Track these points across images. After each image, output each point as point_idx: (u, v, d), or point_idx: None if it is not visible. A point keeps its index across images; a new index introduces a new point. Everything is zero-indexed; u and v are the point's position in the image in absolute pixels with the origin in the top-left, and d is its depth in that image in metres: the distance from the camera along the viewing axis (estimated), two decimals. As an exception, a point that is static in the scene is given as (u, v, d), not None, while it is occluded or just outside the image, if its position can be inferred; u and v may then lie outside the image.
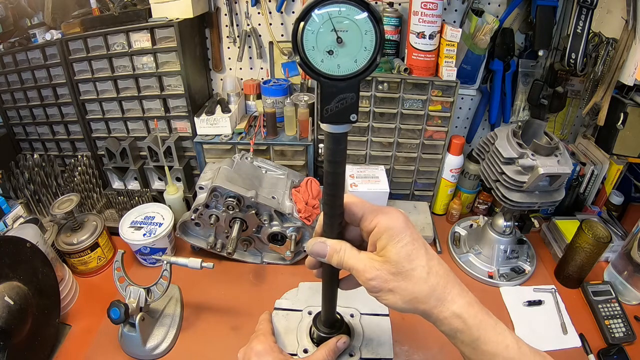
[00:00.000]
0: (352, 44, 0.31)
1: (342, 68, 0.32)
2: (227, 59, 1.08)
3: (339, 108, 0.33)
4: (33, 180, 0.98)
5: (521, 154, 0.80)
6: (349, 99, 0.33)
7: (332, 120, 0.34)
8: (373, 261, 0.38)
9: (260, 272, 0.93)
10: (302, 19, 0.31)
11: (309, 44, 0.31)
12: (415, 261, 0.37)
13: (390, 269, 0.37)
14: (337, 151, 0.36)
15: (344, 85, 0.32)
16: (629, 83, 0.84)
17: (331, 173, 0.38)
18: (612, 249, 0.93)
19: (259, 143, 0.98)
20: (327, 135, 0.36)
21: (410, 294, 0.37)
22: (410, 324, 0.80)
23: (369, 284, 0.38)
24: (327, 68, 0.32)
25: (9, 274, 0.67)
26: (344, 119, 0.34)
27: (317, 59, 0.32)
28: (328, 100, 0.33)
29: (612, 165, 0.99)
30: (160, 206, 0.97)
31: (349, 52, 0.32)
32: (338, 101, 0.33)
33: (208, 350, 0.76)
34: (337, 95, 0.33)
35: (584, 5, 0.83)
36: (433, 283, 0.38)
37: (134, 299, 0.72)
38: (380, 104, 0.95)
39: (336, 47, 0.31)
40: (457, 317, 0.38)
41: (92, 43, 0.92)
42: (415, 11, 0.85)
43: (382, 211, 0.39)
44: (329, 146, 0.36)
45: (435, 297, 0.38)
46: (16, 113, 1.06)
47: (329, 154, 0.37)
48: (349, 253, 0.40)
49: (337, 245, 0.41)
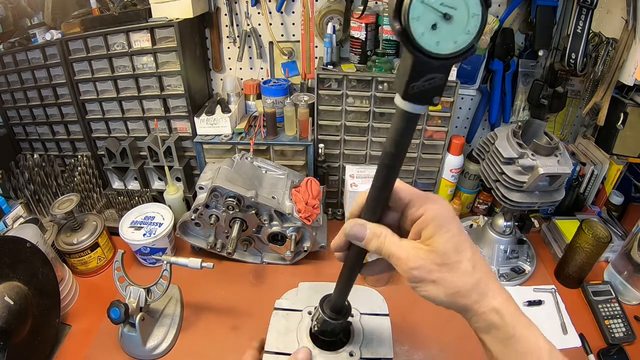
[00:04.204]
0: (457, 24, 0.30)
1: (440, 46, 0.30)
2: (227, 59, 1.08)
3: (425, 87, 0.31)
4: (33, 180, 0.98)
5: (521, 154, 0.80)
6: (438, 79, 0.31)
7: (415, 99, 0.32)
8: (418, 250, 0.37)
9: (260, 272, 0.93)
10: None
11: (415, 12, 0.29)
12: (462, 253, 0.36)
13: (436, 259, 0.36)
14: (407, 132, 0.34)
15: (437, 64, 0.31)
16: (629, 83, 0.84)
17: (393, 154, 0.35)
18: (612, 249, 0.93)
19: (259, 143, 0.98)
20: (402, 114, 0.33)
21: (453, 287, 0.36)
22: (410, 324, 0.80)
23: (410, 274, 0.36)
24: (425, 43, 0.30)
25: (9, 274, 0.67)
26: (427, 99, 0.32)
27: (419, 31, 0.29)
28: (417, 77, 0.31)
29: (612, 165, 0.99)
30: (160, 206, 0.97)
31: (452, 31, 0.30)
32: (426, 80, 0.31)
33: (208, 350, 0.76)
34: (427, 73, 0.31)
35: (584, 5, 0.83)
36: (477, 277, 0.36)
37: (134, 299, 0.72)
38: (380, 104, 0.95)
39: (441, 23, 0.30)
40: (495, 312, 0.36)
41: (92, 43, 0.92)
42: (416, 11, 0.85)
43: (430, 199, 0.38)
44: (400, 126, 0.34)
45: (478, 292, 0.36)
46: (16, 113, 1.06)
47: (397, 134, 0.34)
48: (391, 239, 0.38)
49: (378, 230, 0.38)
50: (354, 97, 0.95)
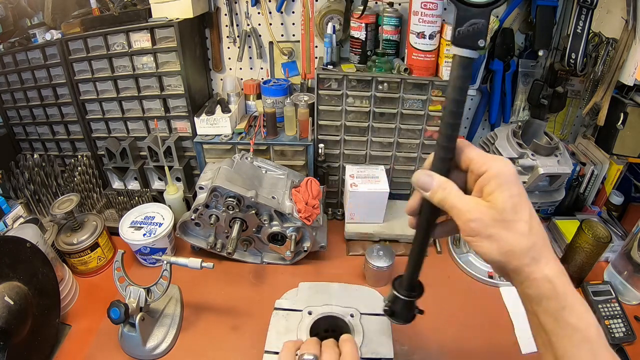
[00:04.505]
0: None
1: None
2: (227, 59, 1.08)
3: (469, 31, 0.37)
4: (33, 180, 0.98)
5: (521, 154, 0.80)
6: (480, 24, 0.37)
7: (462, 43, 0.37)
8: (478, 204, 0.38)
9: (260, 272, 0.93)
10: None
11: None
12: (519, 213, 0.37)
13: (495, 215, 0.36)
14: (463, 77, 0.38)
15: (477, 11, 0.36)
16: (629, 83, 0.84)
17: (455, 100, 0.39)
18: (612, 249, 0.93)
19: (259, 143, 0.98)
20: (456, 60, 0.38)
21: (508, 245, 0.36)
22: (410, 324, 0.80)
23: (468, 225, 0.37)
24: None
25: (9, 274, 0.67)
26: (472, 43, 0.37)
27: None
28: (461, 23, 0.37)
29: (612, 165, 0.99)
30: (160, 206, 0.97)
31: None
32: (469, 25, 0.37)
33: (208, 350, 0.76)
34: (469, 19, 0.37)
35: (584, 5, 0.83)
36: (533, 240, 0.36)
37: (134, 299, 0.72)
38: (380, 104, 0.95)
39: None
40: (548, 281, 0.36)
41: (92, 43, 0.92)
42: (415, 11, 0.85)
43: (495, 158, 0.39)
44: (456, 72, 0.38)
45: (531, 256, 0.36)
46: (16, 113, 1.06)
47: (455, 79, 0.39)
48: (454, 192, 0.39)
49: (444, 183, 0.39)
50: (354, 97, 0.95)
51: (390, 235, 1.00)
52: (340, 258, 0.97)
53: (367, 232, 1.00)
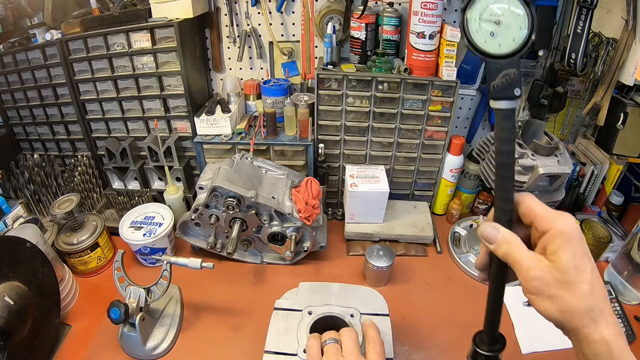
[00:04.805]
0: (509, 25, 0.36)
1: (502, 47, 0.37)
2: (227, 59, 1.08)
3: (503, 83, 0.37)
4: (33, 180, 0.98)
5: (521, 154, 0.80)
6: (512, 74, 0.37)
7: (499, 96, 0.38)
8: (541, 262, 0.38)
9: (260, 272, 0.93)
10: (466, 7, 0.37)
11: (472, 27, 0.37)
12: (582, 274, 0.37)
13: (557, 275, 0.37)
14: (508, 128, 0.39)
15: (506, 62, 0.37)
16: (629, 83, 0.84)
17: (504, 152, 0.39)
18: (612, 249, 0.93)
19: (259, 143, 0.98)
20: (497, 113, 0.39)
21: (568, 306, 0.37)
22: (410, 324, 0.80)
23: (530, 283, 0.38)
24: (490, 48, 0.37)
25: (9, 274, 0.67)
26: (509, 93, 0.37)
27: (481, 40, 0.37)
28: (493, 76, 0.37)
29: (612, 165, 0.99)
30: (160, 206, 0.97)
31: (507, 32, 0.36)
32: (502, 77, 0.37)
33: (208, 350, 0.76)
34: (500, 71, 0.37)
35: (584, 5, 0.82)
36: (593, 302, 0.37)
37: (134, 299, 0.72)
38: (380, 104, 0.95)
39: (496, 29, 0.37)
40: (605, 343, 0.36)
41: (92, 43, 0.92)
42: (415, 11, 0.85)
43: (561, 215, 0.39)
44: (500, 125, 0.39)
45: (591, 317, 0.36)
46: (16, 113, 1.06)
47: (500, 132, 0.39)
48: (518, 246, 0.39)
49: (509, 236, 0.40)
50: (354, 97, 0.95)
51: (390, 235, 1.00)
52: (340, 258, 0.97)
53: (367, 232, 1.00)
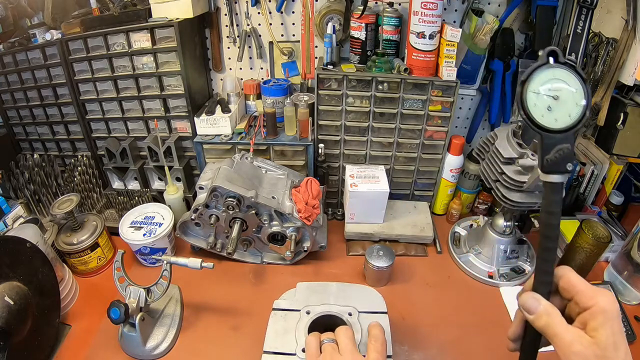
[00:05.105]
0: (566, 101, 0.37)
1: (559, 122, 0.37)
2: (227, 59, 1.08)
3: (557, 158, 0.38)
4: (33, 180, 0.98)
5: (521, 154, 0.80)
6: (566, 149, 0.37)
7: (552, 170, 0.38)
8: (582, 337, 0.39)
9: (260, 272, 0.93)
10: (525, 81, 0.38)
11: (531, 102, 0.38)
12: (619, 351, 0.38)
13: (597, 351, 0.38)
14: (556, 201, 0.39)
15: (561, 137, 0.37)
16: (629, 83, 0.84)
17: (549, 225, 0.40)
18: (612, 249, 0.93)
19: (259, 143, 0.98)
20: (547, 186, 0.39)
21: None
22: (410, 324, 0.80)
23: (569, 358, 0.39)
24: (547, 122, 0.37)
25: (9, 274, 0.67)
26: (562, 168, 0.38)
27: (538, 114, 0.37)
28: (548, 150, 0.38)
29: (612, 165, 0.99)
30: (160, 206, 0.97)
31: (564, 107, 0.37)
32: (556, 151, 0.38)
33: (208, 350, 0.76)
34: (555, 145, 0.38)
35: (584, 5, 0.83)
36: None
37: (134, 299, 0.72)
38: (380, 104, 0.95)
39: (553, 104, 0.37)
40: None
41: (92, 43, 0.92)
42: (415, 11, 0.85)
43: (602, 292, 0.40)
44: (549, 198, 0.39)
45: None
46: (16, 113, 1.06)
47: (547, 205, 0.39)
48: (560, 320, 0.40)
49: (550, 308, 0.41)
50: (354, 97, 0.95)
51: (390, 235, 1.00)
52: (340, 258, 0.97)
53: (367, 232, 1.00)
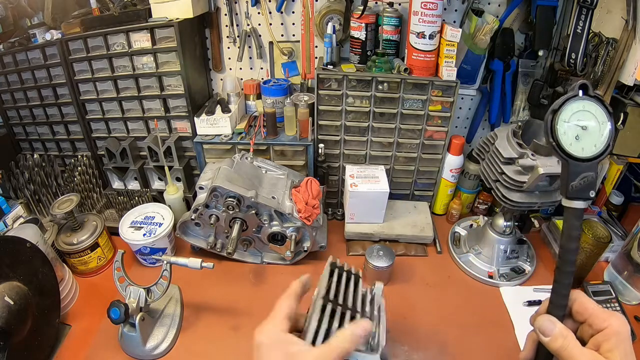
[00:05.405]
0: (593, 132, 0.40)
1: (585, 151, 0.39)
2: (227, 59, 1.08)
3: (581, 185, 0.39)
4: (33, 180, 0.98)
5: (521, 154, 0.80)
6: (590, 177, 0.39)
7: (575, 196, 0.40)
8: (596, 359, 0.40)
9: (260, 272, 0.93)
10: (556, 110, 0.39)
11: (561, 130, 0.39)
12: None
13: None
14: (576, 227, 0.41)
15: (586, 165, 0.39)
16: (629, 83, 0.84)
17: (568, 249, 0.41)
18: (612, 249, 0.93)
19: (259, 143, 0.98)
20: (569, 211, 0.41)
21: None
22: (410, 324, 0.80)
23: None
24: (574, 150, 0.39)
25: (9, 274, 0.67)
26: (585, 194, 0.40)
27: (567, 143, 0.39)
28: (573, 178, 0.40)
29: (612, 165, 0.99)
30: (160, 206, 0.97)
31: (591, 138, 0.39)
32: (581, 179, 0.39)
33: (208, 350, 0.76)
34: (580, 173, 0.39)
35: (584, 5, 0.82)
36: None
37: (134, 299, 0.72)
38: (380, 104, 0.95)
39: (581, 133, 0.39)
40: None
41: (92, 43, 0.92)
42: (415, 11, 0.85)
43: (614, 315, 0.41)
44: (570, 223, 0.41)
45: None
46: (16, 113, 1.06)
47: (568, 229, 0.41)
48: (575, 343, 0.41)
49: (565, 331, 0.41)
50: (354, 97, 0.95)
51: (390, 235, 1.00)
52: (340, 258, 0.96)
53: (367, 232, 1.00)
